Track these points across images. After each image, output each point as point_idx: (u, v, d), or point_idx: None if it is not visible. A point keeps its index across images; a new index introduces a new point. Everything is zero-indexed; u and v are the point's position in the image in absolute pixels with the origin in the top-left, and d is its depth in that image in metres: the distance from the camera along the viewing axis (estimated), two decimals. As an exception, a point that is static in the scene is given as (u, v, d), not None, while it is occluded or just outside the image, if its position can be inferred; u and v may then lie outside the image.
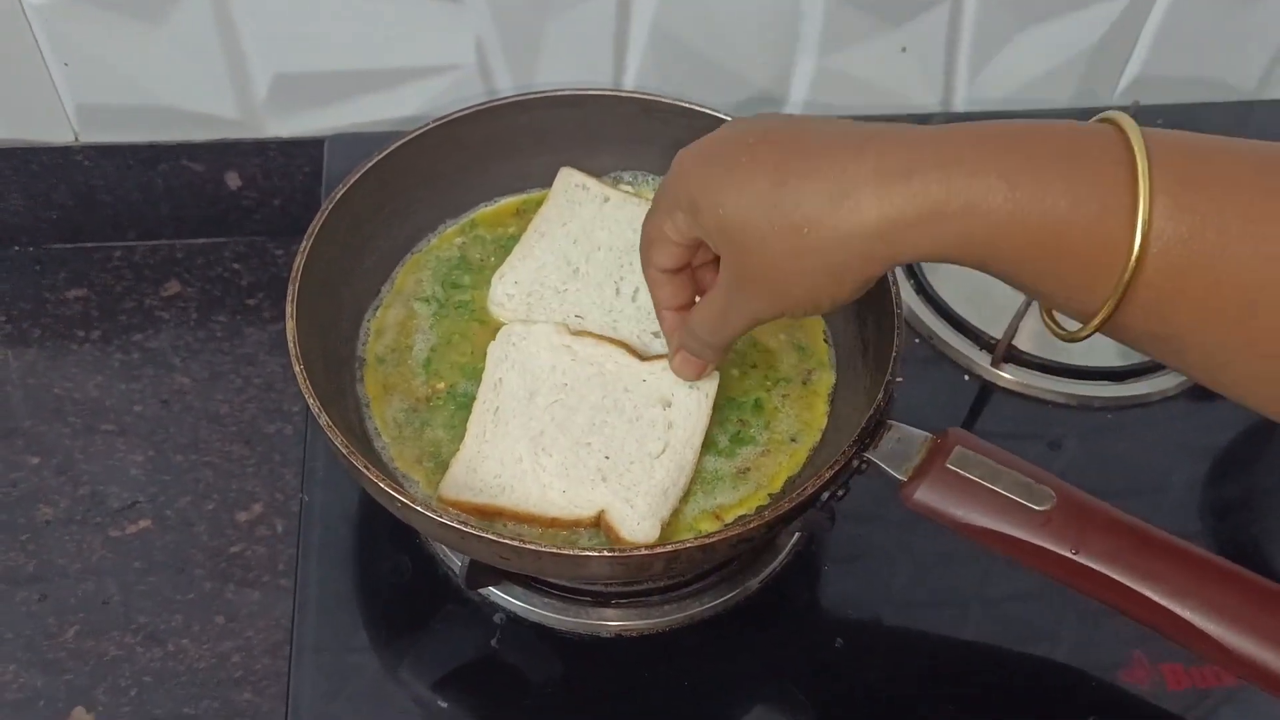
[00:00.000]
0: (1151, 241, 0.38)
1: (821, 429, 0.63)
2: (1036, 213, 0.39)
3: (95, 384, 0.78)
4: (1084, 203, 0.39)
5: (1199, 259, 0.38)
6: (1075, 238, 0.39)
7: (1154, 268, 0.39)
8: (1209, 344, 0.40)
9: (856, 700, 0.61)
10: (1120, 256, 0.39)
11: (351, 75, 0.81)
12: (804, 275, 0.45)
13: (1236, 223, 0.38)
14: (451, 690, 0.60)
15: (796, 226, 0.43)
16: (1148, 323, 0.40)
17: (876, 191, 0.41)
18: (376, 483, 0.51)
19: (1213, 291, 0.38)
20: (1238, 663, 0.49)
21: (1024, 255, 0.41)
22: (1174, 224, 0.38)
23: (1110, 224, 0.39)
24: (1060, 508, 0.51)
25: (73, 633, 0.67)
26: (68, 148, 0.81)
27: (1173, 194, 0.38)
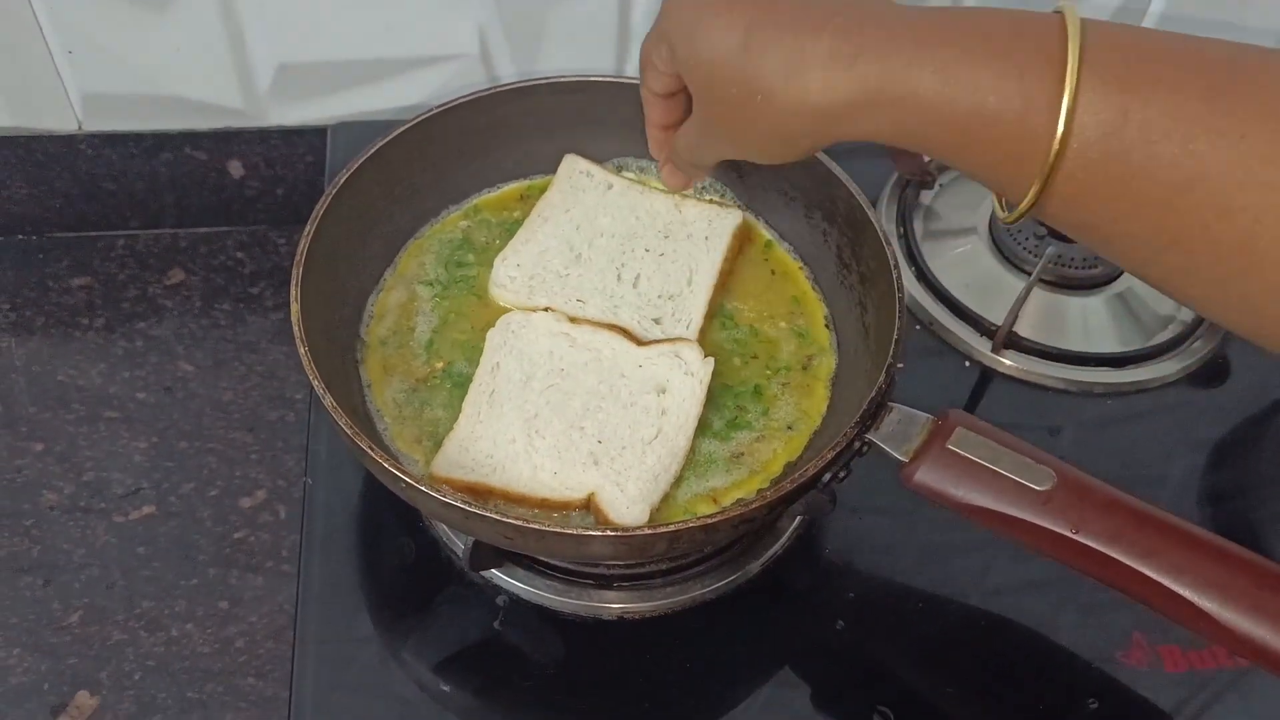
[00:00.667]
0: (1072, 137, 0.40)
1: (821, 415, 0.64)
2: (965, 105, 0.41)
3: (99, 371, 0.78)
4: (1010, 98, 0.41)
5: (1119, 155, 0.39)
6: (1000, 130, 0.41)
7: (1074, 162, 0.40)
8: (1128, 237, 0.42)
9: (857, 682, 0.61)
10: (1042, 149, 0.40)
11: (354, 64, 0.81)
12: (759, 133, 0.48)
13: (1161, 122, 0.39)
14: (454, 672, 0.60)
15: (752, 93, 0.46)
16: (1070, 213, 0.42)
17: (824, 74, 0.44)
18: (381, 463, 0.52)
19: (1131, 187, 0.40)
20: (1236, 641, 0.49)
21: (953, 144, 0.43)
22: (1097, 121, 0.39)
23: (1034, 119, 0.40)
24: (1060, 488, 0.51)
25: (77, 618, 0.67)
26: (72, 136, 0.81)
27: (1100, 91, 0.39)
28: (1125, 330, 0.76)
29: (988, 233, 0.79)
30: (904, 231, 0.80)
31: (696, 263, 0.67)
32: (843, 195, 0.65)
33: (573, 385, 0.60)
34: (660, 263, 0.66)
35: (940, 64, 0.42)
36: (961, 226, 0.80)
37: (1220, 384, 0.76)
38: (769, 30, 0.45)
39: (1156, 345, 0.76)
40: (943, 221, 0.81)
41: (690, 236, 0.68)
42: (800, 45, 0.44)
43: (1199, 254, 0.40)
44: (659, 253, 0.67)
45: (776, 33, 0.45)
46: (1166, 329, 0.77)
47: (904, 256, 0.79)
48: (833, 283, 0.68)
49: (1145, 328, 0.77)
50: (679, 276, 0.66)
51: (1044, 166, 0.40)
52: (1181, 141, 0.38)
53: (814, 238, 0.69)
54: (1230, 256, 0.39)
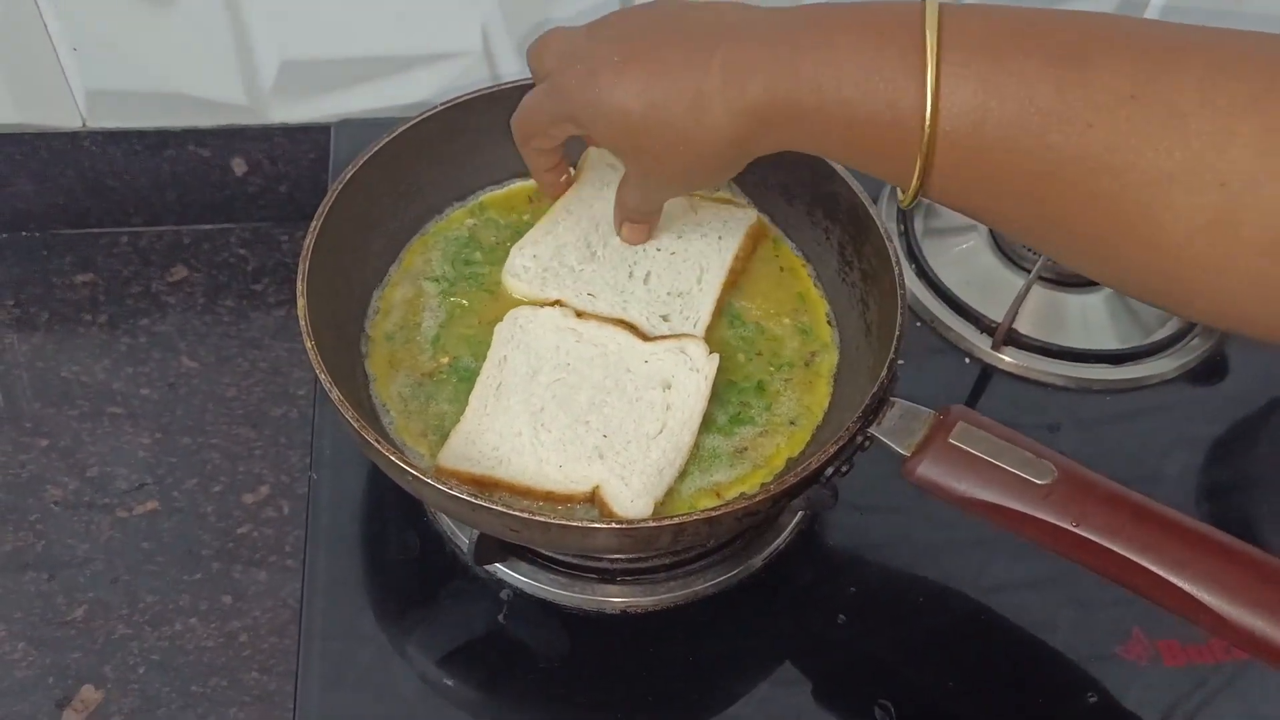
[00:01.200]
0: (939, 137, 0.43)
1: (823, 410, 0.64)
2: (842, 120, 0.45)
3: (102, 367, 0.78)
4: (880, 107, 0.44)
5: (984, 149, 0.42)
6: (877, 131, 0.44)
7: (945, 157, 0.43)
8: (1010, 218, 0.45)
9: (858, 676, 0.62)
10: (914, 146, 0.43)
11: (358, 62, 0.81)
12: (690, 171, 0.52)
13: (1018, 116, 0.41)
14: (458, 666, 0.61)
15: (672, 143, 0.49)
16: (954, 199, 0.46)
17: (724, 107, 0.47)
18: (388, 456, 0.52)
19: (1000, 176, 0.43)
20: (1237, 634, 0.50)
21: (842, 147, 0.47)
22: (960, 120, 0.42)
23: (904, 120, 0.43)
24: (1061, 482, 0.52)
25: (81, 612, 0.67)
26: (75, 133, 0.81)
27: (961, 91, 0.42)
28: (1124, 327, 0.77)
29: (988, 230, 0.80)
30: (904, 229, 0.81)
31: (708, 261, 0.67)
32: (844, 193, 0.66)
33: (579, 380, 0.61)
34: (672, 261, 0.67)
35: (814, 71, 0.45)
36: (961, 224, 0.81)
37: (1218, 381, 0.76)
38: (665, 81, 0.48)
39: (1155, 342, 0.76)
40: (942, 219, 0.82)
41: (704, 236, 0.68)
42: (697, 87, 0.47)
43: (1077, 235, 0.43)
44: (670, 251, 0.67)
45: (672, 81, 0.48)
46: (1165, 326, 0.77)
47: (904, 254, 0.79)
48: (834, 280, 0.68)
49: (1144, 325, 0.77)
50: (689, 275, 0.66)
51: (917, 161, 0.43)
52: (1037, 134, 0.41)
53: (816, 235, 0.70)
54: (1101, 237, 0.42)
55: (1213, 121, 0.38)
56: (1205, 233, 0.39)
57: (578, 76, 0.51)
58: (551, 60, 0.54)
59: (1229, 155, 0.38)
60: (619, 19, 0.53)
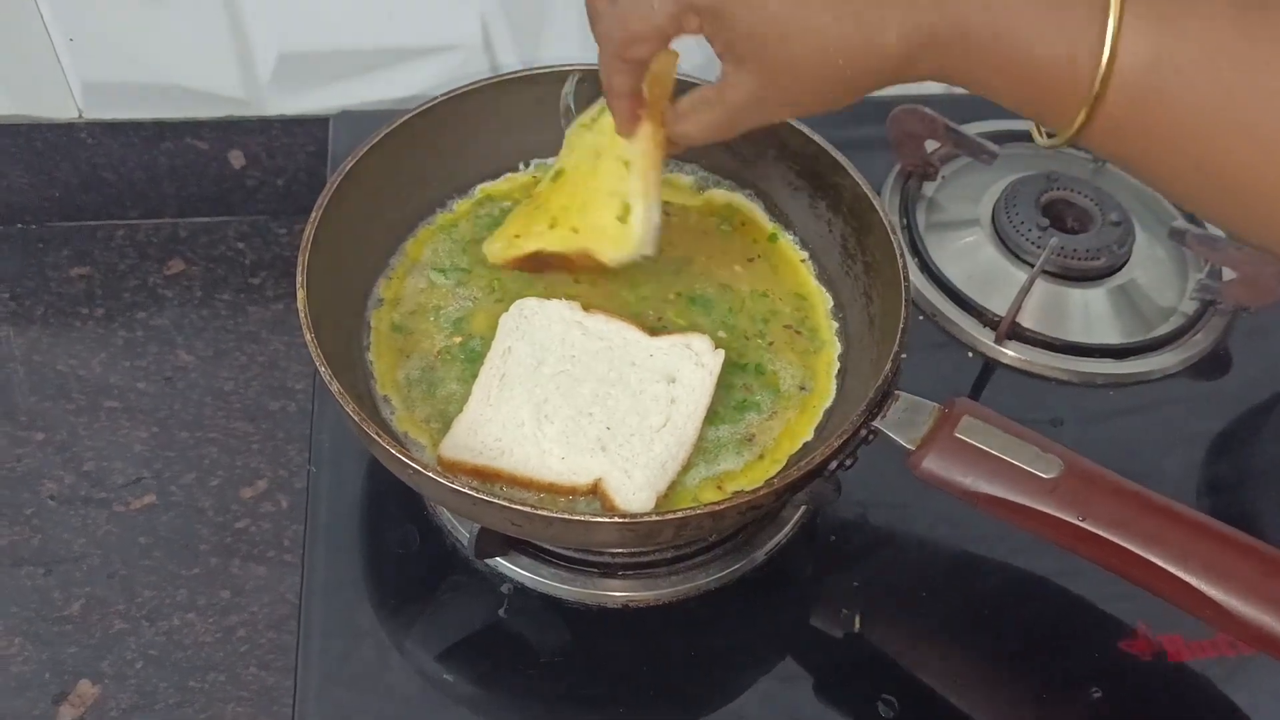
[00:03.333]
0: (1113, 77, 0.42)
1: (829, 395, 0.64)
2: (1012, 48, 0.44)
3: (99, 361, 0.78)
4: (1055, 42, 0.43)
5: (1156, 90, 0.41)
6: (1046, 71, 0.43)
7: (1114, 99, 0.42)
8: (1169, 167, 0.44)
9: (861, 670, 0.61)
10: (1084, 88, 0.42)
11: (356, 54, 0.81)
12: (830, 93, 0.48)
13: (1195, 55, 0.41)
14: (458, 661, 0.60)
15: (832, 55, 0.46)
16: (1111, 144, 0.44)
17: (899, 22, 0.45)
18: (389, 450, 0.51)
19: (1167, 119, 0.42)
20: (1242, 627, 0.49)
21: (1002, 82, 0.45)
22: (1135, 60, 0.41)
23: (1078, 60, 0.42)
24: (1067, 475, 0.52)
25: (78, 607, 0.67)
26: (71, 124, 0.81)
27: (1139, 30, 0.41)
28: (1127, 322, 0.76)
29: (990, 224, 0.79)
30: (907, 222, 0.80)
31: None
32: (848, 185, 0.65)
33: (583, 372, 0.60)
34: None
35: (993, 15, 0.43)
36: (964, 218, 0.80)
37: (1221, 376, 0.76)
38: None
39: (1158, 337, 0.76)
40: (945, 213, 0.81)
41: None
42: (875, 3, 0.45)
43: (1225, 177, 0.42)
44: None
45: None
46: (1168, 321, 0.77)
47: (907, 247, 0.79)
48: (838, 272, 0.68)
49: (1147, 320, 0.77)
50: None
51: (1085, 104, 0.42)
52: (1212, 73, 0.40)
53: (819, 228, 0.69)
54: (1263, 182, 0.41)
55: None
56: None
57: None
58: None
59: None
60: None
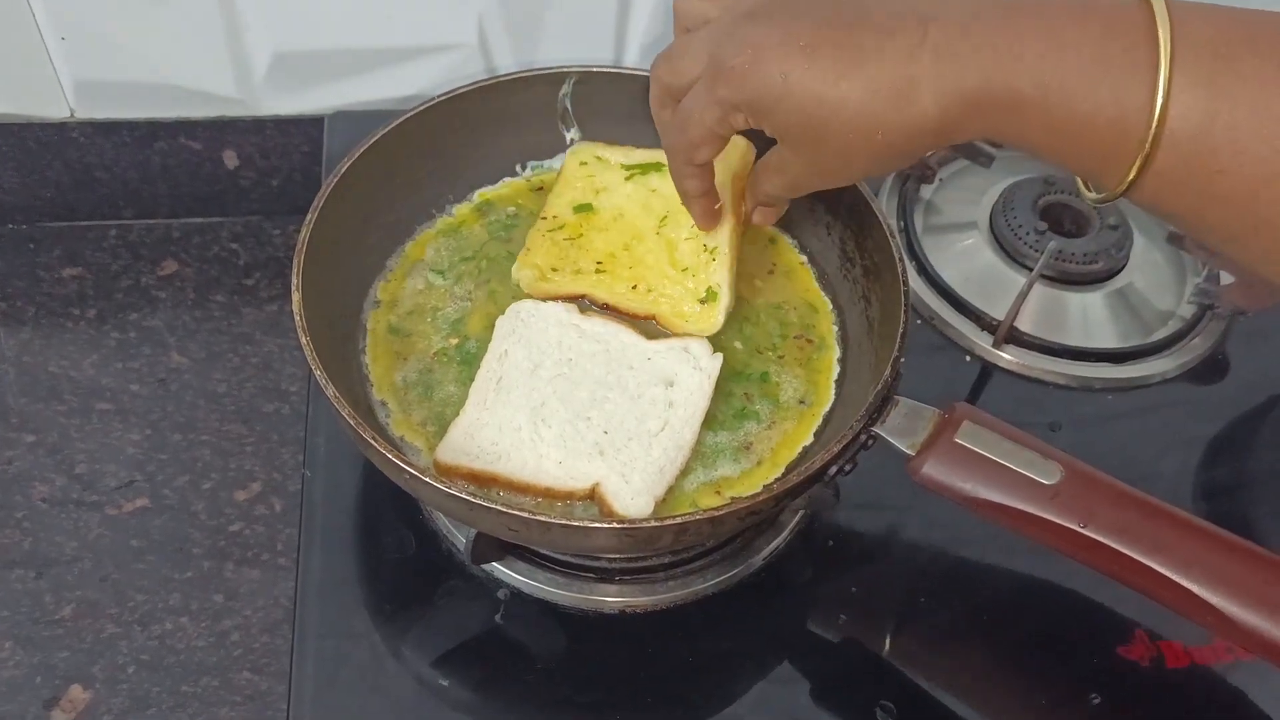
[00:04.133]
0: (1163, 139, 0.41)
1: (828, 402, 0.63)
2: (1060, 110, 0.43)
3: (91, 363, 0.77)
4: (1104, 105, 0.42)
5: (1207, 154, 0.41)
6: (1094, 133, 0.43)
7: (1163, 160, 0.42)
8: (1216, 224, 0.43)
9: (859, 677, 0.61)
10: (1133, 149, 0.42)
11: (352, 54, 0.80)
12: (874, 161, 0.48)
13: (1249, 121, 0.40)
14: (455, 666, 0.60)
15: (869, 132, 0.46)
16: (1159, 203, 0.44)
17: (936, 94, 0.44)
18: (385, 454, 0.51)
19: (1217, 181, 0.41)
20: (1244, 635, 0.49)
21: (1050, 142, 0.44)
22: (1186, 123, 0.41)
23: (1127, 122, 0.42)
24: (1068, 482, 0.51)
25: (69, 610, 0.66)
26: (64, 124, 0.80)
27: (1190, 93, 0.41)
28: (1125, 326, 0.76)
29: (988, 227, 0.79)
30: (905, 225, 0.80)
31: None
32: (846, 188, 0.65)
33: (580, 375, 0.60)
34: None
35: (1035, 66, 0.43)
36: (962, 221, 0.80)
37: (1218, 380, 0.76)
38: (868, 66, 0.45)
39: (1156, 341, 0.76)
40: (943, 216, 0.81)
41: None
42: (906, 73, 0.44)
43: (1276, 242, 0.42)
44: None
45: (876, 66, 0.45)
46: (1166, 325, 0.77)
47: (905, 251, 0.78)
48: (837, 276, 0.68)
49: (1145, 324, 0.77)
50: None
51: (1135, 163, 0.42)
52: (1268, 140, 0.40)
53: (817, 231, 0.69)
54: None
55: None
56: None
57: (755, 58, 0.47)
58: (696, 63, 0.50)
59: None
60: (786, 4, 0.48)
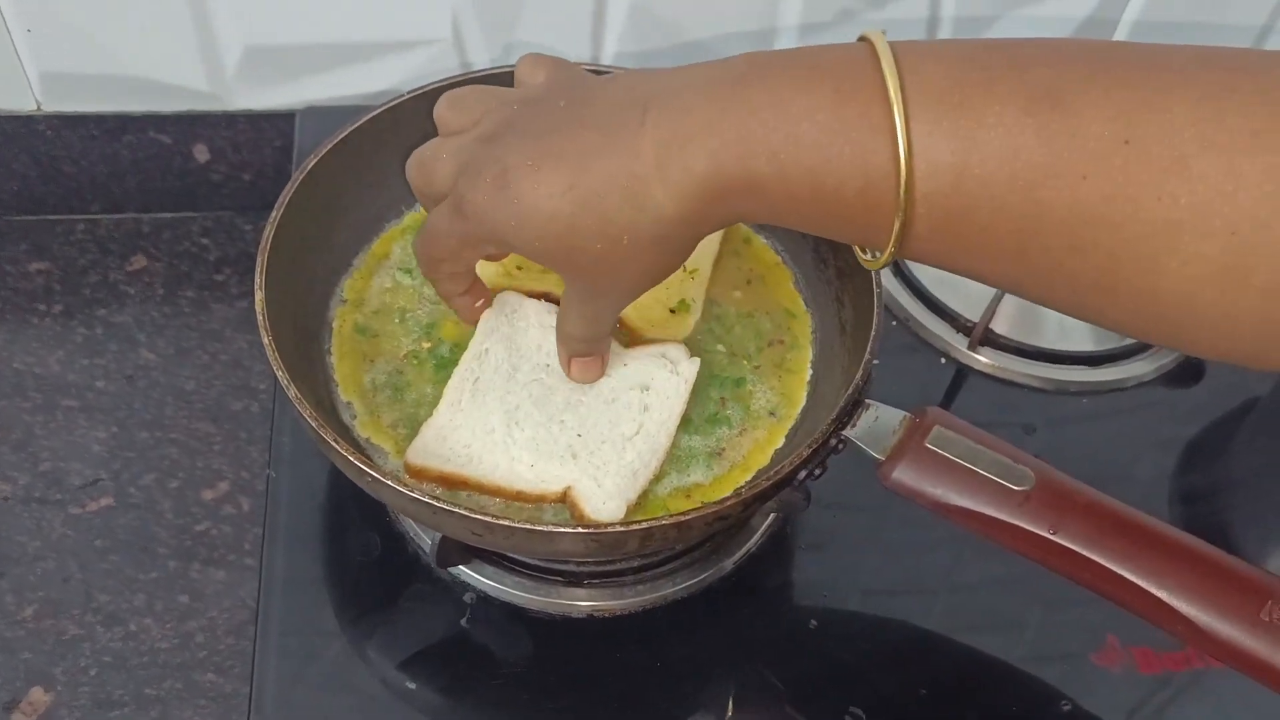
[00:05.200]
0: (916, 205, 0.39)
1: (800, 407, 0.63)
2: (806, 189, 0.41)
3: (56, 359, 0.76)
4: (850, 180, 0.40)
5: (965, 212, 0.39)
6: (846, 203, 0.40)
7: (923, 224, 0.40)
8: (992, 275, 0.42)
9: (829, 682, 0.61)
10: (889, 215, 0.39)
11: (324, 48, 0.79)
12: (643, 266, 0.47)
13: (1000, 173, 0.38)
14: (420, 670, 0.59)
15: (612, 241, 0.44)
16: (933, 260, 0.42)
17: (665, 186, 0.42)
18: (346, 456, 0.50)
19: (983, 236, 0.39)
20: (1212, 644, 0.49)
21: (804, 221, 0.43)
22: (936, 185, 0.38)
23: (876, 192, 0.39)
24: (1039, 488, 0.51)
25: (31, 612, 0.65)
26: (30, 116, 0.79)
27: (934, 153, 0.38)
28: (1101, 329, 0.76)
29: (965, 229, 0.79)
30: (881, 226, 0.80)
31: None
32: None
33: (557, 379, 0.59)
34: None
35: (766, 141, 0.40)
36: (939, 222, 0.80)
37: (1194, 384, 0.76)
38: (591, 172, 0.43)
39: (1132, 345, 0.76)
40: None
41: None
42: (629, 170, 0.43)
43: (1058, 289, 0.40)
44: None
45: (599, 170, 0.43)
46: (1142, 328, 0.77)
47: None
48: (810, 277, 0.67)
49: (1121, 327, 0.77)
50: None
51: (894, 227, 0.40)
52: (1024, 190, 0.37)
53: (790, 232, 0.68)
54: (1088, 288, 0.39)
55: (1216, 164, 0.35)
56: (1213, 281, 0.36)
57: (486, 189, 0.45)
58: (445, 178, 0.48)
59: (1237, 200, 0.35)
60: (519, 114, 0.47)
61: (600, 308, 0.52)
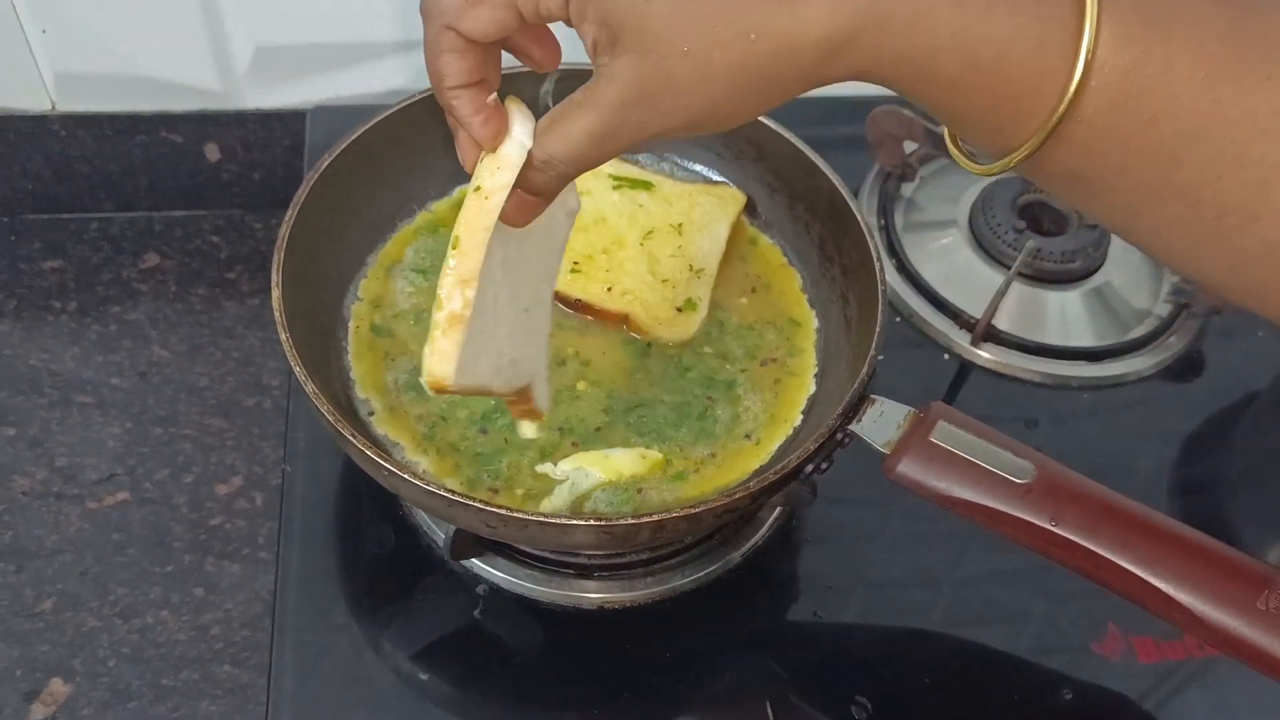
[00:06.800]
0: (1092, 76, 0.36)
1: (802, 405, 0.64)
2: (979, 34, 0.36)
3: (72, 356, 0.77)
4: (1027, 28, 0.36)
5: (1137, 98, 0.36)
6: (1014, 64, 0.36)
7: (1090, 103, 0.36)
8: (1129, 187, 0.38)
9: (835, 670, 0.62)
10: (1057, 88, 0.36)
11: (334, 47, 0.80)
12: (728, 89, 0.38)
13: (1184, 63, 0.36)
14: (434, 661, 0.60)
15: (743, 32, 0.36)
16: (1071, 160, 0.38)
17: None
18: (364, 451, 0.51)
19: (1146, 131, 0.36)
20: (1209, 631, 0.50)
21: (960, 79, 0.37)
22: (1116, 58, 0.36)
23: (1051, 54, 0.36)
24: (1040, 480, 0.52)
25: (49, 604, 0.66)
26: (44, 116, 0.80)
27: (1121, 27, 0.36)
28: (1102, 325, 0.77)
29: (968, 226, 0.80)
30: (884, 223, 0.80)
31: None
32: (825, 187, 0.65)
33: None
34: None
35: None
36: (942, 219, 0.80)
37: (1194, 378, 0.77)
38: None
39: (1133, 340, 0.76)
40: (923, 213, 0.82)
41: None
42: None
43: (1204, 206, 0.37)
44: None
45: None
46: (1143, 324, 0.77)
47: (884, 248, 0.79)
48: (816, 277, 0.68)
49: (1122, 322, 0.77)
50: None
51: (1056, 107, 0.36)
52: (1204, 85, 0.35)
53: (797, 229, 0.69)
54: (1236, 208, 0.37)
55: None
56: None
57: None
58: None
59: None
60: None
61: (632, 120, 0.39)
